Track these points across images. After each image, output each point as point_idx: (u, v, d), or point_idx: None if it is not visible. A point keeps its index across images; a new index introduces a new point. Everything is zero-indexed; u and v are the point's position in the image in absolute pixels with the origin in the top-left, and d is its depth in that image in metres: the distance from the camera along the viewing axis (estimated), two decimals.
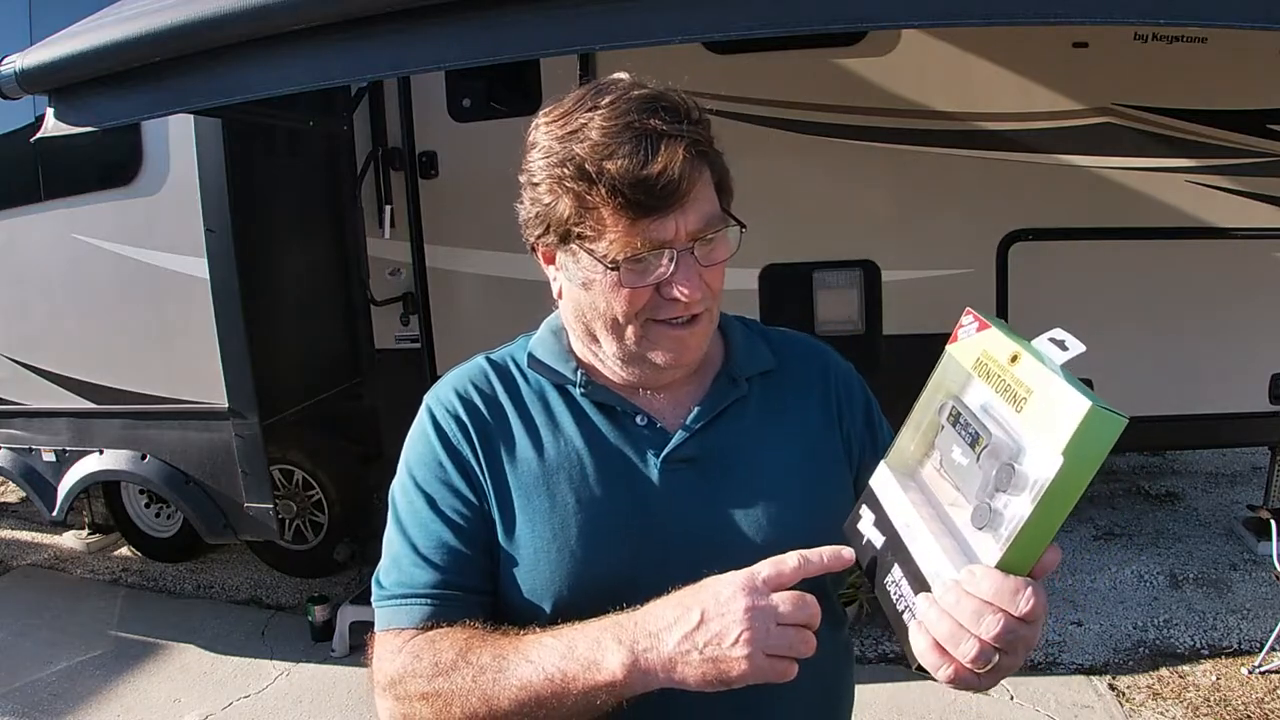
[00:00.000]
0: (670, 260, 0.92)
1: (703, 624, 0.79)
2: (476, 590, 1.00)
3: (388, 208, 4.29)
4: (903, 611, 0.76)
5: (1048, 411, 0.69)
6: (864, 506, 0.87)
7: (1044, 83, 3.78)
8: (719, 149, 0.98)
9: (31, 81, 2.39)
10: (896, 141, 3.88)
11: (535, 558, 0.98)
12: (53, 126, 2.43)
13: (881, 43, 3.82)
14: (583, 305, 0.99)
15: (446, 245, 4.26)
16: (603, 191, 0.89)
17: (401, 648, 0.95)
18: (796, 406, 1.08)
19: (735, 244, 0.97)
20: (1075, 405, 0.67)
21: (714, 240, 0.95)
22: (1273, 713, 3.15)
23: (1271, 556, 3.46)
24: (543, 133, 0.95)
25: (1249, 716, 3.15)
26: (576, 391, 1.04)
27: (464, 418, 1.03)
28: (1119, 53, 3.71)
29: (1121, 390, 4.03)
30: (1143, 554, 4.32)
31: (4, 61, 2.42)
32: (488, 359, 1.10)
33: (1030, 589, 0.70)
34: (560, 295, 1.03)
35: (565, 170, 0.91)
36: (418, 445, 1.05)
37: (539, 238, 0.99)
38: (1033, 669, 3.50)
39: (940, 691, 3.38)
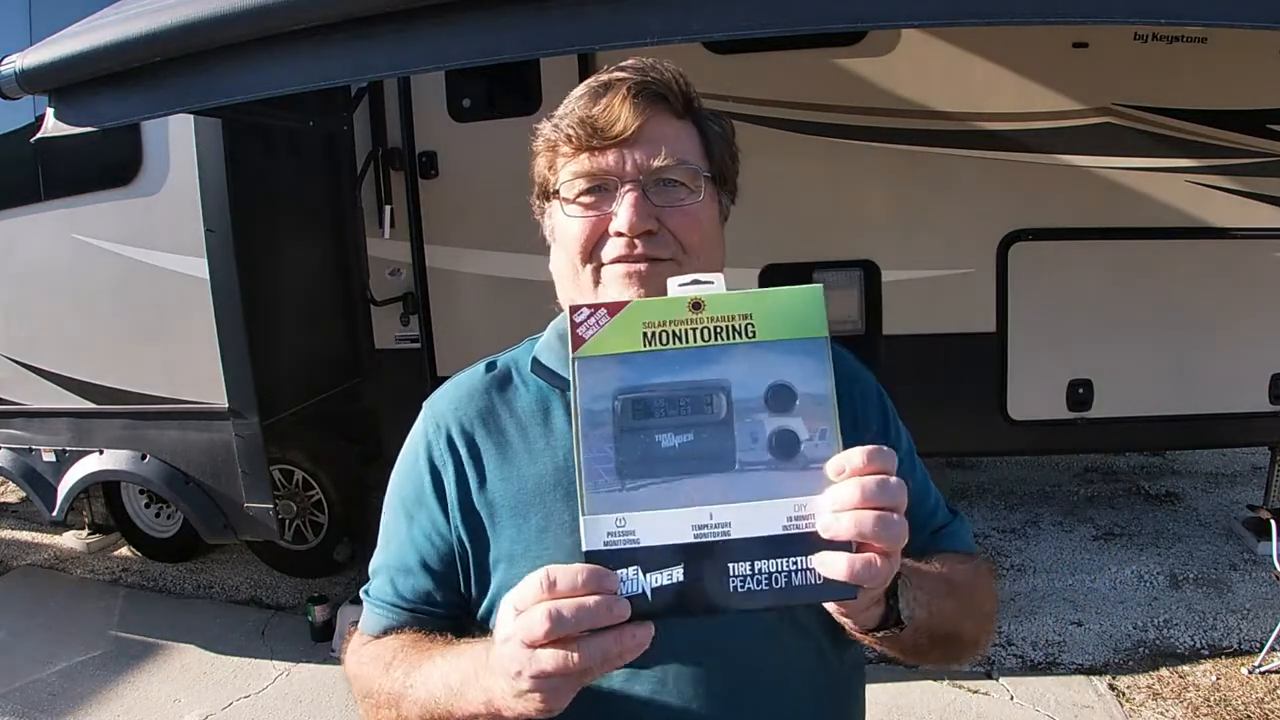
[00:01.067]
0: (618, 193, 0.93)
1: (498, 661, 0.76)
2: (442, 614, 1.01)
3: (388, 208, 4.29)
4: (779, 583, 0.71)
5: (786, 315, 0.73)
6: (619, 572, 0.72)
7: (1044, 83, 3.78)
8: (729, 143, 0.99)
9: (31, 81, 2.39)
10: (896, 141, 3.88)
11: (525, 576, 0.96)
12: (53, 126, 2.43)
13: (881, 43, 3.82)
14: (559, 265, 0.99)
15: (446, 245, 4.26)
16: (561, 136, 0.94)
17: (358, 650, 1.03)
18: None
19: (703, 191, 0.95)
20: (808, 292, 0.74)
21: (677, 185, 0.94)
22: (1273, 713, 3.15)
23: (1271, 556, 3.46)
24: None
25: (1249, 716, 3.15)
26: None
27: (455, 436, 1.00)
28: (1119, 53, 3.71)
29: (1122, 390, 4.04)
30: (1143, 554, 4.32)
31: (4, 61, 2.42)
32: (488, 365, 1.07)
33: (869, 447, 0.71)
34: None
35: (545, 127, 0.97)
36: (407, 458, 1.04)
37: (540, 212, 1.02)
38: (1033, 669, 3.51)
39: (940, 691, 3.38)
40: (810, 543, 0.71)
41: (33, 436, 4.37)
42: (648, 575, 0.71)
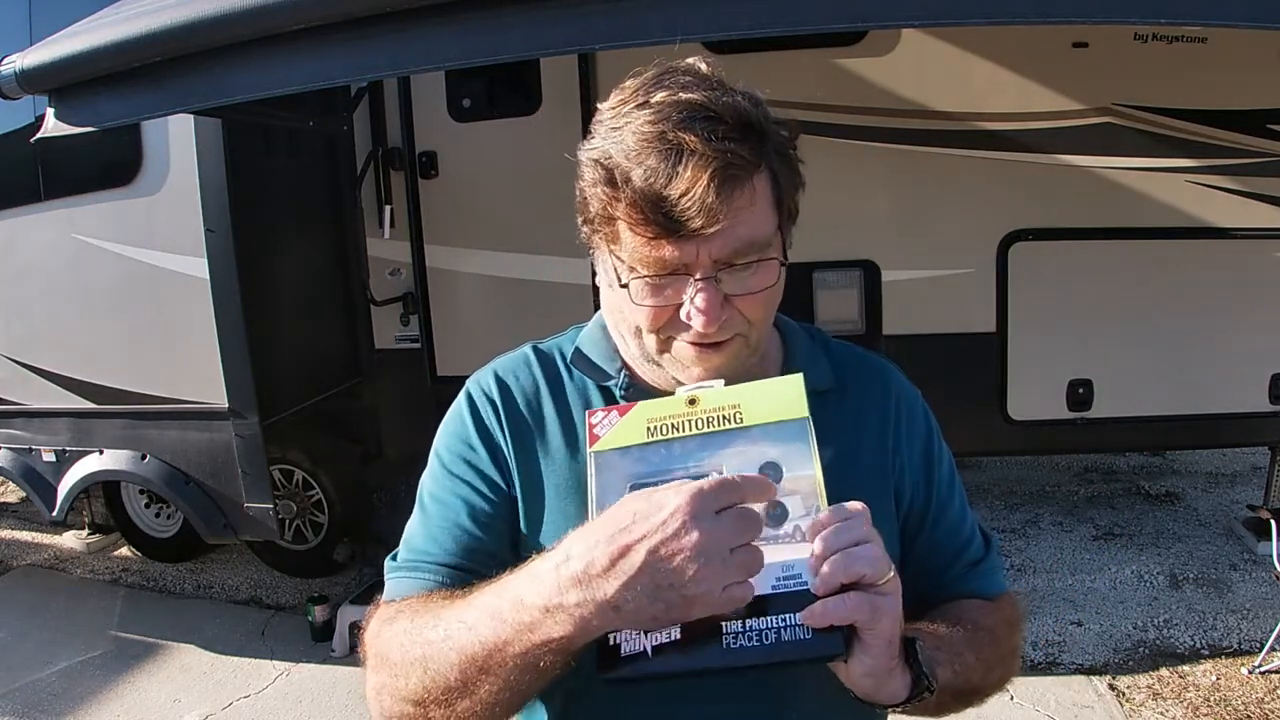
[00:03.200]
0: (688, 286, 0.87)
1: (648, 564, 0.70)
2: (484, 577, 0.95)
3: (388, 208, 4.29)
4: (769, 639, 0.75)
5: (769, 402, 0.81)
6: (622, 632, 0.78)
7: (1044, 83, 3.78)
8: (792, 164, 0.92)
9: (31, 81, 2.40)
10: (896, 141, 3.88)
11: None
12: (53, 126, 2.43)
13: (881, 43, 3.82)
14: (610, 304, 0.97)
15: (446, 245, 4.26)
16: (623, 204, 0.85)
17: (385, 617, 0.92)
18: (850, 433, 1.01)
19: (777, 274, 0.91)
20: (789, 381, 0.82)
21: (750, 268, 0.88)
22: (1273, 713, 3.15)
23: (1271, 556, 3.46)
24: (605, 114, 0.90)
25: (1249, 716, 3.15)
26: (618, 393, 1.00)
27: (499, 405, 1.01)
28: (1119, 53, 3.71)
29: (1122, 390, 4.04)
30: (1143, 554, 4.32)
31: (4, 61, 2.42)
32: (534, 349, 1.07)
33: (834, 507, 0.77)
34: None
35: (599, 172, 0.87)
36: (450, 426, 1.03)
37: (579, 224, 0.95)
38: (1033, 669, 3.50)
39: None
40: (797, 600, 0.75)
41: (33, 436, 4.37)
42: (648, 635, 0.76)
